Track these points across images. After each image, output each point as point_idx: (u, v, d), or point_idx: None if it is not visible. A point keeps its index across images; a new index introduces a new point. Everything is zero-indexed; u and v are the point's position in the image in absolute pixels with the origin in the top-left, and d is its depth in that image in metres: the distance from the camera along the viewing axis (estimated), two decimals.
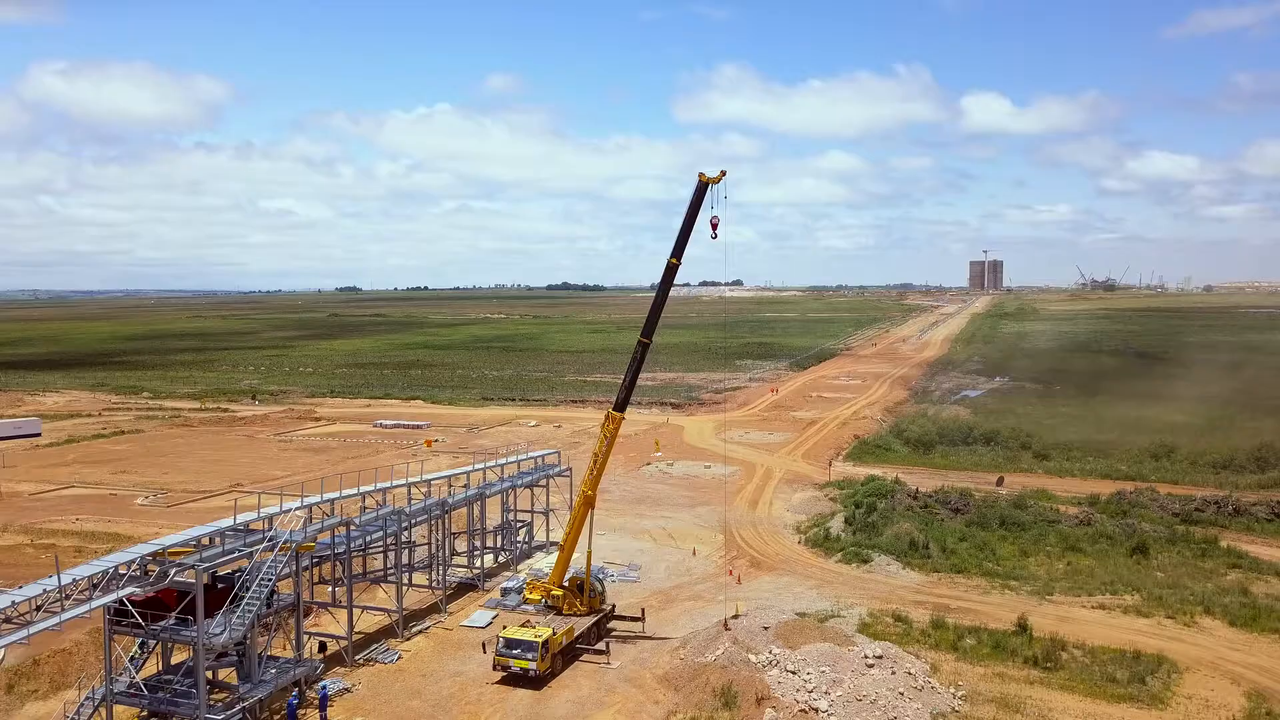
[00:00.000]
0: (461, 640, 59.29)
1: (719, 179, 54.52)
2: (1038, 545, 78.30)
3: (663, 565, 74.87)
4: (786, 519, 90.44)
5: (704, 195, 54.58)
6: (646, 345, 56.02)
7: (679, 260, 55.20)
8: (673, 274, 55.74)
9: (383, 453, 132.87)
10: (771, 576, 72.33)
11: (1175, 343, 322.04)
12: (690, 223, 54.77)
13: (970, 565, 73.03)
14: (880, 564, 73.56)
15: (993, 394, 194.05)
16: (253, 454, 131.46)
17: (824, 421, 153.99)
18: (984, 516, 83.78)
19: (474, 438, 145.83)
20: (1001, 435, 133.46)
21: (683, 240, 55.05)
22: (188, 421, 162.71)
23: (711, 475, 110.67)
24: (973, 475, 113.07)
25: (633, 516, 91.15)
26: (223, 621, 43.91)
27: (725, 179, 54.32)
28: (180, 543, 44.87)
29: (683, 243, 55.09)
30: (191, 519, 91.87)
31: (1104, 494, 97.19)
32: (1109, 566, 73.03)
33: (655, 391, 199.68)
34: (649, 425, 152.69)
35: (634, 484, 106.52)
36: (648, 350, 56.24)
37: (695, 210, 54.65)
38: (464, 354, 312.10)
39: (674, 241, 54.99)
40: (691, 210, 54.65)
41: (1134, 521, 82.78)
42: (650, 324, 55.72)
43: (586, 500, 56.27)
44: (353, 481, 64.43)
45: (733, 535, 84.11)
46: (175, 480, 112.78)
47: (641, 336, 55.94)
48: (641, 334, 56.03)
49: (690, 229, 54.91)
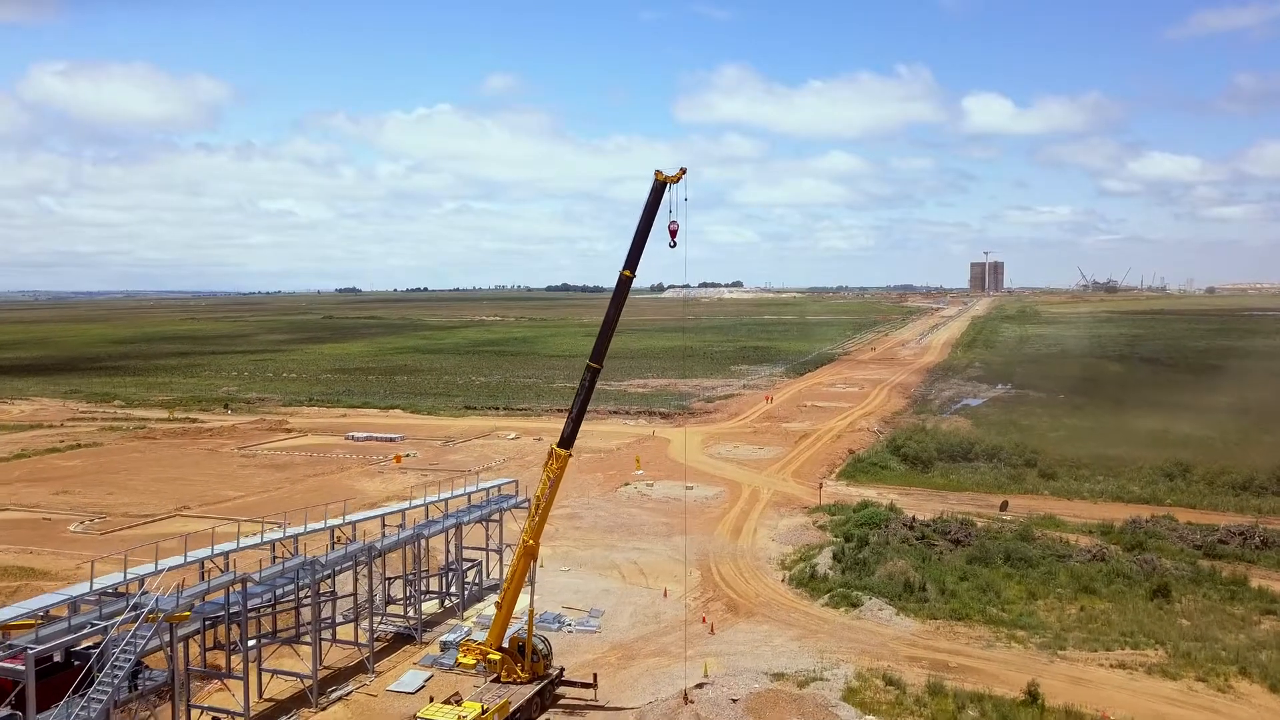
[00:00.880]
0: (385, 710, 51.54)
1: (678, 178, 46.88)
2: (1047, 585, 70.41)
3: (628, 610, 67.04)
4: (771, 550, 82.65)
5: (661, 197, 46.94)
6: (596, 371, 48.20)
7: (633, 272, 47.47)
8: (626, 288, 48.02)
9: (348, 469, 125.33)
10: (749, 624, 64.57)
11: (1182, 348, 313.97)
12: (646, 229, 47.06)
13: (972, 610, 65.21)
14: (871, 609, 65.74)
15: (995, 403, 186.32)
16: (210, 471, 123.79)
17: (818, 434, 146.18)
18: (987, 551, 75.90)
19: (448, 452, 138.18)
20: (1005, 451, 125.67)
21: (637, 249, 47.32)
22: (151, 434, 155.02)
23: (694, 498, 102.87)
24: (974, 497, 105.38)
25: (603, 548, 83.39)
26: (63, 712, 36.17)
27: (685, 178, 46.75)
28: (19, 616, 37.17)
29: (637, 252, 47.37)
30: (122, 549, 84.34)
31: (1117, 521, 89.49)
32: (1127, 612, 65.18)
33: (644, 400, 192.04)
34: (633, 438, 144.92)
35: (609, 509, 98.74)
36: (598, 377, 48.42)
37: (652, 215, 46.98)
38: (454, 359, 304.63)
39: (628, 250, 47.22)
40: (647, 215, 46.97)
41: (1153, 557, 74.90)
42: (600, 346, 47.93)
43: (528, 551, 48.50)
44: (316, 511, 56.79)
45: (710, 571, 76.38)
46: (119, 502, 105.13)
47: (591, 361, 48.15)
48: (591, 358, 48.24)
49: (646, 236, 47.19)
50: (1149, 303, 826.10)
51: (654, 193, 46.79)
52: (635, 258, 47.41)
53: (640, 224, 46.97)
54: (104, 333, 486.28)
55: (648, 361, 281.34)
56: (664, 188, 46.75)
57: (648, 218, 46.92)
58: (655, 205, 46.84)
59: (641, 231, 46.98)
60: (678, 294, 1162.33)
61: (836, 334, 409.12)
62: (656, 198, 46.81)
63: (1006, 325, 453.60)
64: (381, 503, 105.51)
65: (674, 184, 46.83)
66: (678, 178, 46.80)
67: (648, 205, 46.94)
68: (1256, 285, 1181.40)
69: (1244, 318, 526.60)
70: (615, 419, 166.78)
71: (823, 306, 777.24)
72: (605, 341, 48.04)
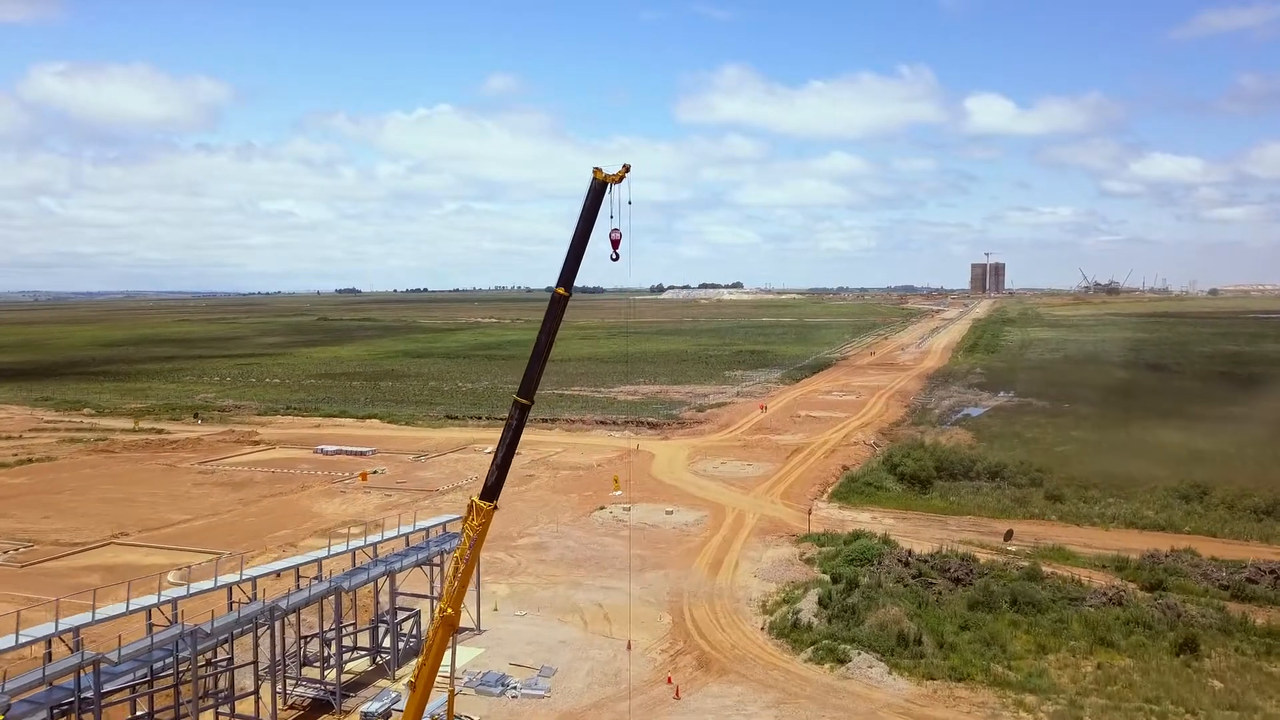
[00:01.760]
0: None
1: (621, 176, 39.07)
2: (1059, 637, 62.55)
3: (585, 668, 59.20)
4: (752, 589, 74.85)
5: (601, 200, 39.14)
6: (526, 408, 40.38)
7: (568, 290, 39.62)
8: (560, 309, 40.19)
9: (309, 488, 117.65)
10: (721, 685, 56.78)
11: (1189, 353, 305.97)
12: (583, 238, 39.21)
13: (974, 668, 57.41)
14: (860, 666, 57.98)
15: (997, 413, 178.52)
16: (161, 490, 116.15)
17: (810, 448, 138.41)
18: (991, 593, 68.01)
19: (418, 468, 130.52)
20: (1008, 469, 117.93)
21: (572, 263, 39.41)
22: (110, 446, 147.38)
23: (673, 525, 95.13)
24: (976, 522, 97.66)
25: (567, 586, 75.60)
26: None
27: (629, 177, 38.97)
28: None
29: (573, 267, 39.46)
30: (42, 585, 76.89)
31: (1132, 554, 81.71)
32: (1151, 672, 57.36)
33: (633, 408, 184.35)
34: (616, 452, 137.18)
35: (579, 537, 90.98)
36: (526, 414, 40.60)
37: (590, 221, 39.16)
38: (443, 363, 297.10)
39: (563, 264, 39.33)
40: (585, 222, 39.11)
41: (1176, 602, 67.12)
42: (530, 378, 40.10)
43: (446, 622, 40.55)
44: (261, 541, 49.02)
45: (683, 615, 68.65)
46: (54, 528, 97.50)
47: (519, 396, 40.29)
48: (519, 393, 40.39)
49: (583, 246, 39.33)
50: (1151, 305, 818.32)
51: (592, 195, 38.95)
52: (571, 273, 39.52)
53: (576, 233, 39.12)
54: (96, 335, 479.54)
55: (641, 366, 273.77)
56: (604, 189, 38.94)
57: (585, 225, 39.08)
58: (594, 210, 39.02)
59: (578, 241, 39.14)
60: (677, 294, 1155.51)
61: (835, 337, 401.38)
62: (595, 201, 38.99)
63: (1008, 328, 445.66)
64: (336, 528, 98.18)
65: (616, 184, 39.09)
66: (620, 176, 39.00)
67: (585, 210, 39.08)
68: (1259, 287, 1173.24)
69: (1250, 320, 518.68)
70: (600, 430, 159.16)
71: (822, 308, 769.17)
72: (536, 374, 40.13)
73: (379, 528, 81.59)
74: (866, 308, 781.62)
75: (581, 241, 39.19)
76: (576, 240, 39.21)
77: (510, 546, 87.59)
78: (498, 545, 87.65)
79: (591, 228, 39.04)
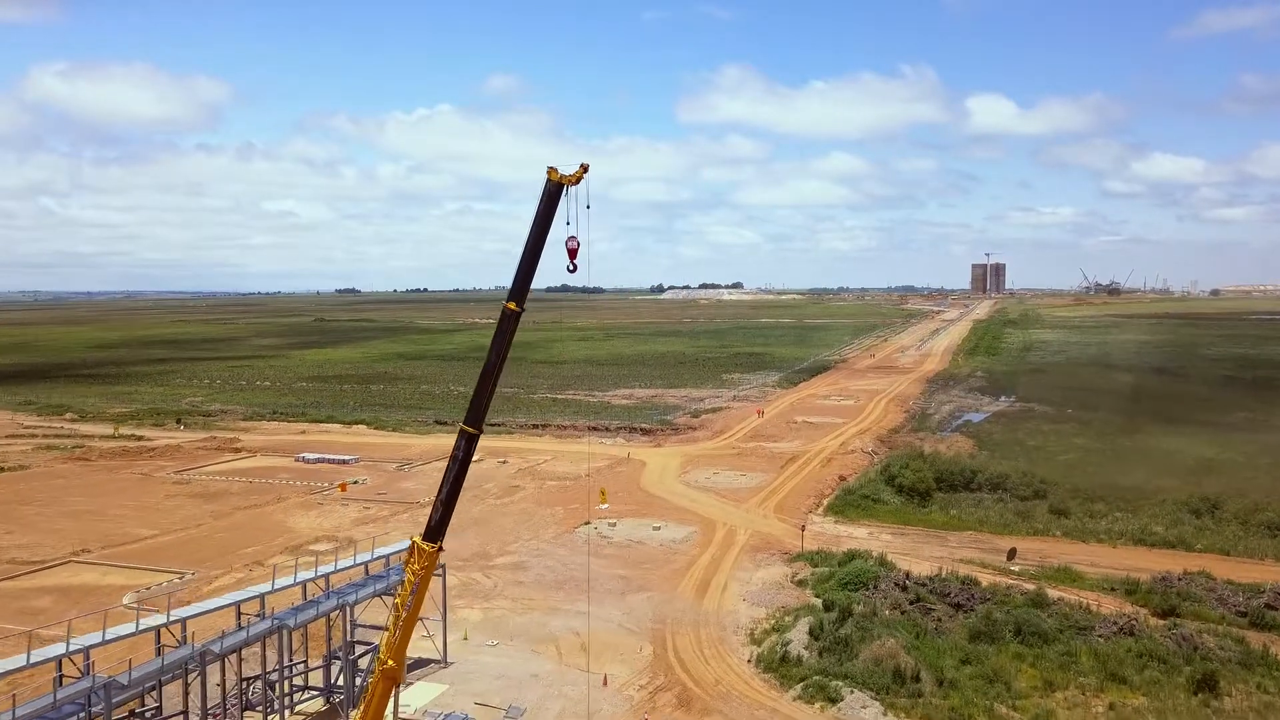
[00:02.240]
0: None
1: (578, 178, 34.82)
2: (1067, 671, 58.18)
3: (556, 707, 54.90)
4: (740, 615, 70.56)
5: (557, 203, 34.87)
6: (474, 437, 36.14)
7: (520, 305, 35.40)
8: (512, 326, 36.02)
9: (286, 499, 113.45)
10: None
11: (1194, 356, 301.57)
12: (538, 246, 34.92)
13: (976, 709, 53.10)
14: (853, 706, 53.68)
15: (998, 418, 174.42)
16: (133, 501, 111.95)
17: (806, 457, 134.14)
18: (993, 623, 63.67)
19: (401, 478, 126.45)
20: (1011, 480, 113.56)
21: (525, 275, 35.15)
22: (87, 454, 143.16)
23: (660, 542, 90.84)
24: (977, 538, 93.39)
25: (544, 611, 71.31)
26: None
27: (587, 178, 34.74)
28: None
29: (525, 279, 35.22)
30: None
31: (1142, 575, 77.40)
32: (1168, 713, 53.05)
33: (627, 414, 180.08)
34: (607, 461, 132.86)
35: (560, 556, 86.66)
36: (475, 445, 36.36)
37: (545, 227, 34.89)
38: (436, 365, 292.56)
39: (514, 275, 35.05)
40: (539, 228, 34.84)
41: (1191, 632, 62.82)
42: (479, 405, 35.84)
43: (386, 674, 36.31)
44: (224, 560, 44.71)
45: (665, 645, 64.37)
46: (14, 543, 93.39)
47: (466, 425, 36.02)
48: (466, 420, 36.11)
49: (538, 255, 35.05)
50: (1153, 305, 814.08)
51: (547, 199, 34.68)
52: (524, 286, 35.27)
53: (530, 241, 34.85)
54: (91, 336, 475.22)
55: (637, 369, 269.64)
56: (560, 191, 34.71)
57: (540, 232, 34.82)
58: (549, 215, 34.74)
59: (531, 250, 34.87)
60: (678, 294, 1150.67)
61: (834, 339, 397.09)
62: (550, 205, 34.70)
63: (1009, 330, 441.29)
64: (309, 544, 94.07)
65: (573, 186, 34.85)
66: (577, 178, 34.73)
67: (539, 215, 34.78)
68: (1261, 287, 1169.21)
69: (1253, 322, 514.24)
70: (592, 438, 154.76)
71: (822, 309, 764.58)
72: (485, 398, 35.92)
73: (351, 545, 78.21)
74: (867, 308, 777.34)
75: (535, 250, 34.98)
76: (529, 249, 34.98)
77: (487, 566, 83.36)
78: (474, 565, 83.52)
79: (546, 235, 34.85)
